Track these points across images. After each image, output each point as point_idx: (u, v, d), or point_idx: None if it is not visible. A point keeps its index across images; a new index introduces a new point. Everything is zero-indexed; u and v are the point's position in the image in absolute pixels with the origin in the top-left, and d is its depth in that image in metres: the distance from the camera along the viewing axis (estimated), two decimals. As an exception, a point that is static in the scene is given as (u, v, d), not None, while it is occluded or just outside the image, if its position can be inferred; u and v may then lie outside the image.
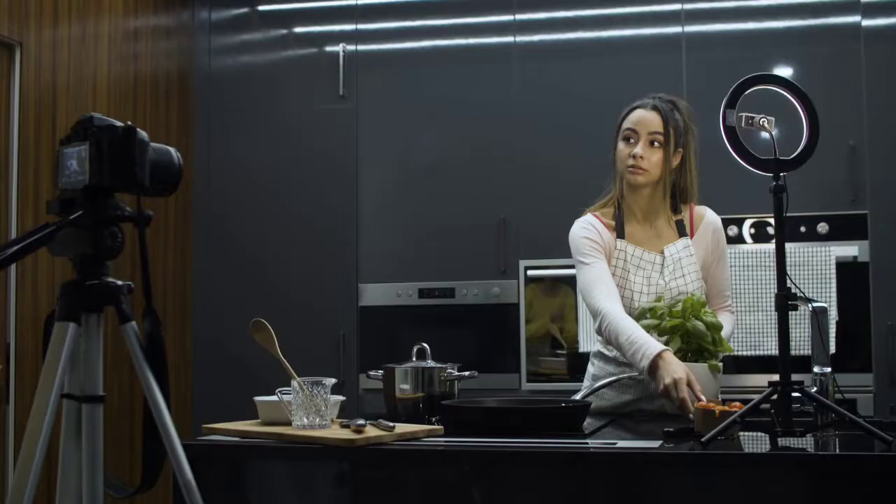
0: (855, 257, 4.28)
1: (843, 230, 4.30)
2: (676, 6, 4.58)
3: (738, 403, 2.61)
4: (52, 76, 3.93)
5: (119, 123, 1.72)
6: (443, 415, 2.86)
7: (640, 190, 3.05)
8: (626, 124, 3.04)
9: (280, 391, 2.69)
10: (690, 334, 2.62)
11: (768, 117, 2.57)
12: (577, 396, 3.03)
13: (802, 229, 4.31)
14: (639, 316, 2.76)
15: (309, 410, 2.60)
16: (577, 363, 4.60)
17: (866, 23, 4.39)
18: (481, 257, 4.68)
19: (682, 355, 2.62)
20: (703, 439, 2.35)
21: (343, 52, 4.85)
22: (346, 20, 4.89)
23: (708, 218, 3.10)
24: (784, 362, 2.46)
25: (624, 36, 4.66)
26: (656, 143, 2.99)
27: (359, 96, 4.84)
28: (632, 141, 3.01)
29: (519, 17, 4.72)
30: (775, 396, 2.45)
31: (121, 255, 1.75)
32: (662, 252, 3.02)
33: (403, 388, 2.96)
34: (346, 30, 4.89)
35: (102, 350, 1.74)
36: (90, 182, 1.68)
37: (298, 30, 5.03)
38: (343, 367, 4.68)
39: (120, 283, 1.73)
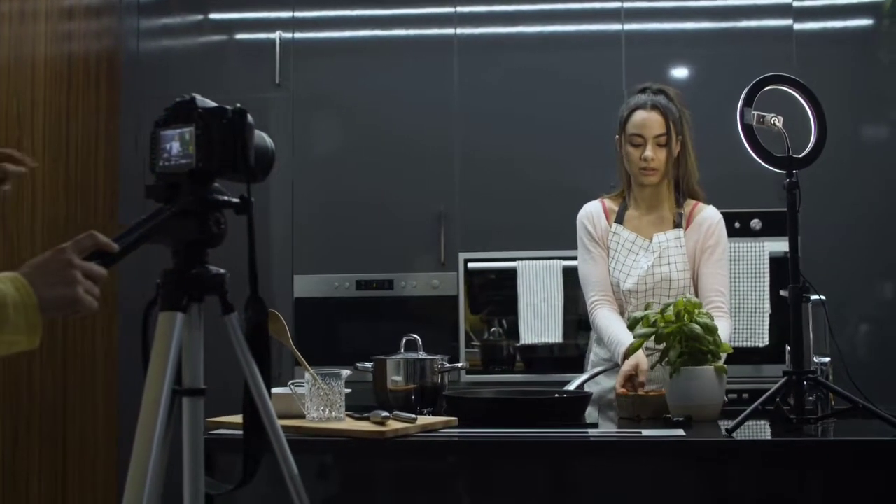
0: (786, 252, 4.42)
1: (775, 226, 4.45)
2: (616, 4, 4.66)
3: (660, 390, 2.80)
4: (-8, 51, 3.76)
5: (228, 106, 1.67)
6: (436, 406, 2.86)
7: (648, 187, 3.18)
8: (631, 129, 3.16)
9: (292, 383, 2.64)
10: (688, 338, 2.65)
11: (778, 116, 2.65)
12: (575, 384, 3.07)
13: (737, 225, 4.44)
14: (631, 325, 2.82)
15: (324, 403, 2.56)
16: (516, 355, 4.64)
17: (798, 26, 4.57)
18: (421, 249, 4.66)
19: (684, 360, 2.66)
20: (728, 428, 2.41)
21: (279, 39, 4.76)
22: (282, 7, 4.80)
23: (704, 214, 3.20)
24: (797, 353, 2.55)
25: (565, 31, 4.72)
26: (661, 143, 3.13)
27: (295, 85, 4.76)
28: (639, 145, 3.13)
29: (460, 9, 4.72)
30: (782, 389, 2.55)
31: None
32: (652, 239, 3.16)
33: (395, 379, 2.95)
34: (282, 17, 4.79)
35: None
36: (197, 166, 1.62)
37: (232, 15, 4.91)
38: (279, 359, 4.60)
39: (223, 271, 1.67)
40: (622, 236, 3.19)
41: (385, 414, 2.48)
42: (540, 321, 4.52)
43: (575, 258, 4.49)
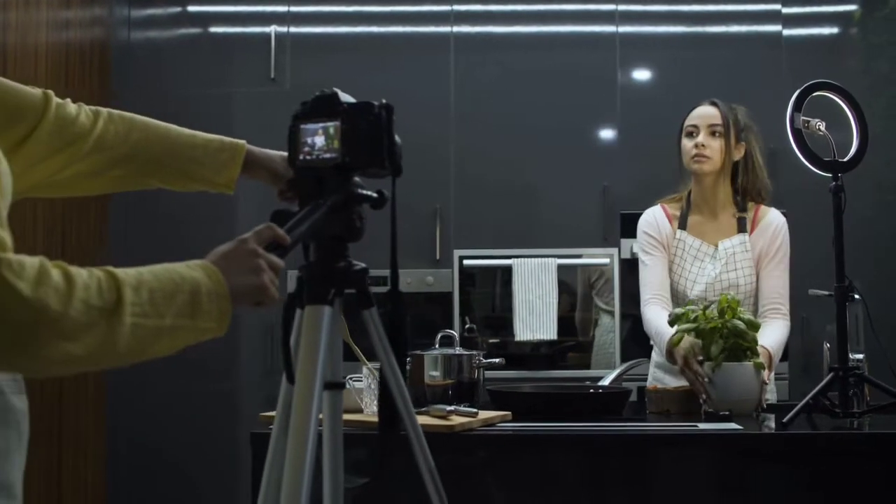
0: (774, 253, 4.54)
1: (764, 228, 4.55)
2: (611, 6, 4.73)
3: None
4: (2, 37, 3.68)
5: (374, 102, 1.68)
6: (472, 401, 2.89)
7: (704, 181, 3.16)
8: (687, 121, 3.19)
9: (350, 378, 2.64)
10: (731, 333, 2.72)
11: (821, 121, 2.73)
12: (608, 379, 3.13)
13: (728, 226, 4.53)
14: (672, 322, 2.88)
15: (381, 397, 2.57)
16: (510, 352, 4.68)
17: (787, 32, 4.69)
18: (416, 246, 4.68)
19: (726, 356, 2.73)
20: (783, 421, 2.49)
21: (274, 34, 4.74)
22: (277, 1, 4.78)
23: (769, 217, 3.20)
24: (842, 350, 2.64)
25: (560, 32, 4.78)
26: (717, 133, 3.13)
27: (291, 80, 4.74)
28: (694, 135, 3.15)
29: (456, 7, 4.75)
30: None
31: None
32: (717, 245, 3.15)
33: (433, 374, 2.96)
34: (277, 11, 4.77)
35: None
36: (343, 161, 1.63)
37: (227, 8, 4.87)
38: (275, 355, 4.59)
39: (365, 265, 1.68)
40: (687, 243, 3.17)
41: (450, 408, 2.51)
42: (535, 318, 4.57)
43: (570, 257, 4.62)
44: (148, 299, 1.25)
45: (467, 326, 4.88)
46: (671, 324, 2.90)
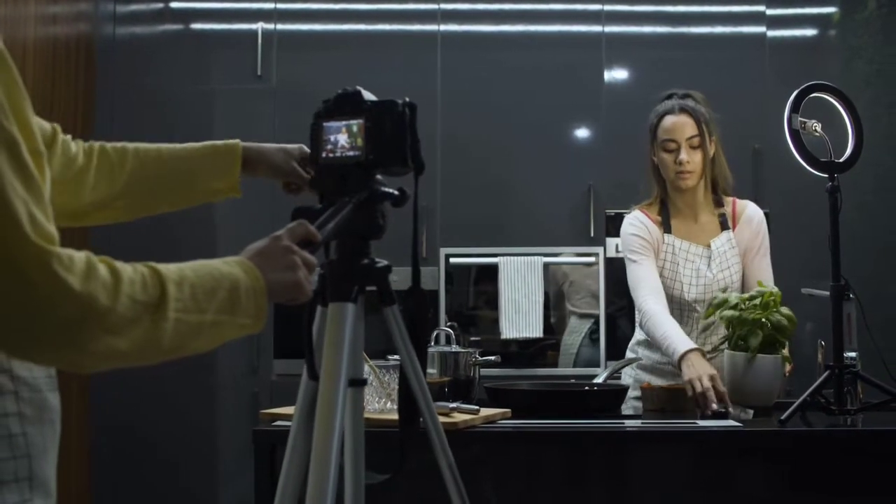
0: (757, 252, 4.58)
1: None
2: (597, 6, 4.76)
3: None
4: (-9, 34, 3.65)
5: (398, 100, 1.68)
6: (467, 399, 2.90)
7: (687, 191, 3.15)
8: (662, 135, 3.14)
9: (353, 375, 2.64)
10: (773, 327, 2.73)
11: (818, 122, 2.77)
12: (601, 377, 3.14)
13: (713, 225, 4.57)
14: (717, 306, 2.85)
15: (381, 395, 2.59)
16: (497, 351, 4.69)
17: (771, 34, 4.74)
18: (401, 244, 4.67)
19: (762, 348, 2.73)
20: (782, 418, 2.52)
21: (261, 30, 4.72)
22: (264, -3, 4.78)
23: (749, 212, 3.21)
24: (837, 348, 2.67)
25: (547, 31, 4.80)
26: (696, 146, 3.11)
27: (277, 77, 4.73)
28: (673, 150, 3.12)
29: (443, 6, 4.76)
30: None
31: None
32: (709, 246, 3.15)
33: (430, 371, 2.97)
34: (264, 8, 4.76)
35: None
36: (367, 159, 1.63)
37: (212, 5, 4.86)
38: (259, 352, 4.58)
39: (388, 262, 1.69)
40: (676, 246, 3.15)
41: (453, 405, 2.52)
42: (521, 317, 4.59)
43: (555, 255, 4.64)
44: (190, 295, 1.25)
45: (448, 324, 4.91)
46: (716, 307, 2.87)
